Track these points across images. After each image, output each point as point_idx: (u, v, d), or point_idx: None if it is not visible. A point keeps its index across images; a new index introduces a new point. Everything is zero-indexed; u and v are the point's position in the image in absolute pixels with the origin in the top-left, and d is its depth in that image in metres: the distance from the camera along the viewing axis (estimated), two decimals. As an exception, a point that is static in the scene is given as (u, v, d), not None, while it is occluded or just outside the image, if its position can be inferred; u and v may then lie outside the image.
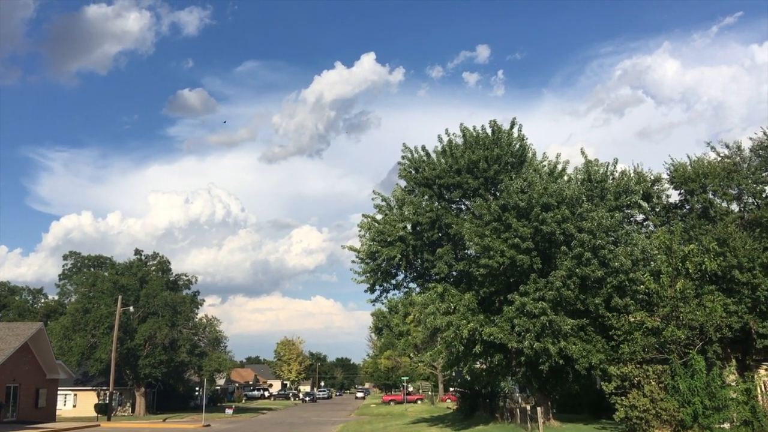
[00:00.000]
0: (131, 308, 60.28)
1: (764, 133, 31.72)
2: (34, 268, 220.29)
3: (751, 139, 32.53)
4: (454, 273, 32.71)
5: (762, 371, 28.55)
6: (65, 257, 77.58)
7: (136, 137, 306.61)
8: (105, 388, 61.74)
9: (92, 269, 75.30)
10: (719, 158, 32.34)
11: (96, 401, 63.28)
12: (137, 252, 70.73)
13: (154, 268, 69.94)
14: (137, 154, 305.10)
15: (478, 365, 38.57)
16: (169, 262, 71.39)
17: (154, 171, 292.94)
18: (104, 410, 56.88)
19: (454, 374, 63.25)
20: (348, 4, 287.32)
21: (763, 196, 31.31)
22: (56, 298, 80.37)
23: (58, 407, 55.03)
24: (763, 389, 26.48)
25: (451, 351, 31.55)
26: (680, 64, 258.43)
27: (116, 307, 56.49)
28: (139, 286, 65.45)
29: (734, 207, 31.63)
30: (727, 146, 32.63)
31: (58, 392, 55.09)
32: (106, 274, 69.19)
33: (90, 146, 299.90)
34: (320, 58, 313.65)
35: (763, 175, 31.17)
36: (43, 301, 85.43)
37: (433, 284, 31.69)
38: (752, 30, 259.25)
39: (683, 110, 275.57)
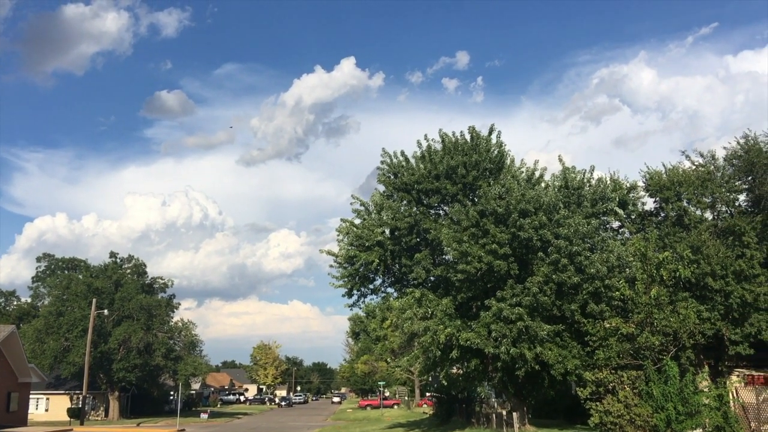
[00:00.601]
0: (105, 311, 59.61)
1: (738, 143, 32.24)
2: (7, 270, 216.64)
3: (725, 148, 33.06)
4: (431, 278, 32.80)
5: (734, 377, 28.94)
6: (39, 259, 76.75)
7: (113, 138, 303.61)
8: (78, 392, 60.97)
9: (66, 272, 74.48)
10: (694, 167, 32.77)
11: (69, 405, 62.47)
12: (112, 255, 70.06)
13: (129, 271, 69.31)
14: (113, 155, 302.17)
15: (454, 370, 38.59)
16: (145, 265, 70.88)
17: (130, 173, 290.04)
18: (77, 414, 56.19)
19: (430, 379, 63.32)
20: (328, 8, 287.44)
21: (737, 204, 31.79)
22: (29, 300, 79.31)
23: (30, 411, 54.20)
24: (734, 395, 26.84)
25: (428, 356, 31.59)
26: (656, 74, 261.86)
27: (90, 310, 55.85)
28: (113, 289, 64.80)
29: (708, 215, 32.06)
30: (702, 155, 33.09)
31: (30, 396, 54.26)
32: (80, 276, 68.45)
33: (65, 147, 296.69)
34: (300, 61, 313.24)
35: (737, 183, 31.64)
36: (15, 303, 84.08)
37: (410, 289, 31.73)
38: (727, 41, 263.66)
39: (659, 119, 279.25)
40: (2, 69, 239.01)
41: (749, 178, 31.50)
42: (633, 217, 33.65)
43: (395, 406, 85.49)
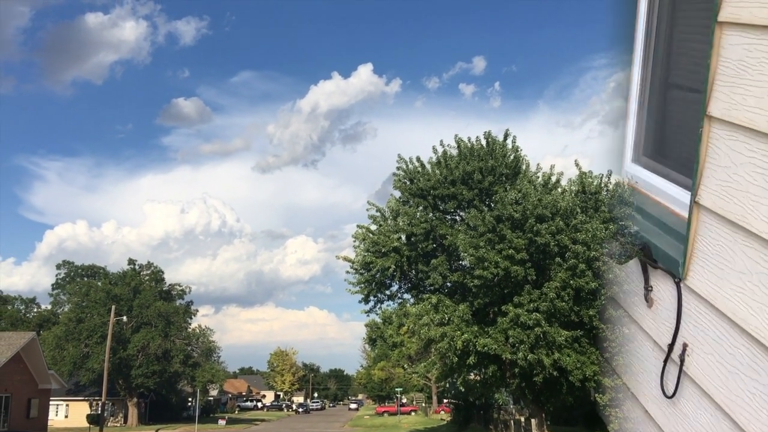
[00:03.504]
0: (124, 318, 60.00)
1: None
2: (27, 277, 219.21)
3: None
4: (448, 284, 32.68)
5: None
6: (58, 267, 77.37)
7: (131, 146, 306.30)
8: (97, 398, 61.30)
9: (85, 279, 75.05)
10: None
11: (88, 412, 62.89)
12: (131, 262, 70.60)
13: (147, 278, 69.78)
14: (131, 163, 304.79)
15: (472, 377, 38.47)
16: (163, 272, 71.39)
17: (148, 180, 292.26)
18: (96, 421, 56.55)
19: (447, 385, 63.02)
20: (345, 15, 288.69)
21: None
22: (49, 307, 79.99)
23: (50, 418, 54.60)
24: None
25: (445, 362, 31.46)
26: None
27: (109, 317, 56.24)
28: (132, 296, 65.22)
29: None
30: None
31: (50, 402, 54.71)
32: (99, 283, 68.98)
33: (84, 155, 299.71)
34: (317, 68, 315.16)
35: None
36: (35, 310, 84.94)
37: (427, 295, 31.60)
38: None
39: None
40: (22, 78, 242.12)
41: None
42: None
43: (412, 413, 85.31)
